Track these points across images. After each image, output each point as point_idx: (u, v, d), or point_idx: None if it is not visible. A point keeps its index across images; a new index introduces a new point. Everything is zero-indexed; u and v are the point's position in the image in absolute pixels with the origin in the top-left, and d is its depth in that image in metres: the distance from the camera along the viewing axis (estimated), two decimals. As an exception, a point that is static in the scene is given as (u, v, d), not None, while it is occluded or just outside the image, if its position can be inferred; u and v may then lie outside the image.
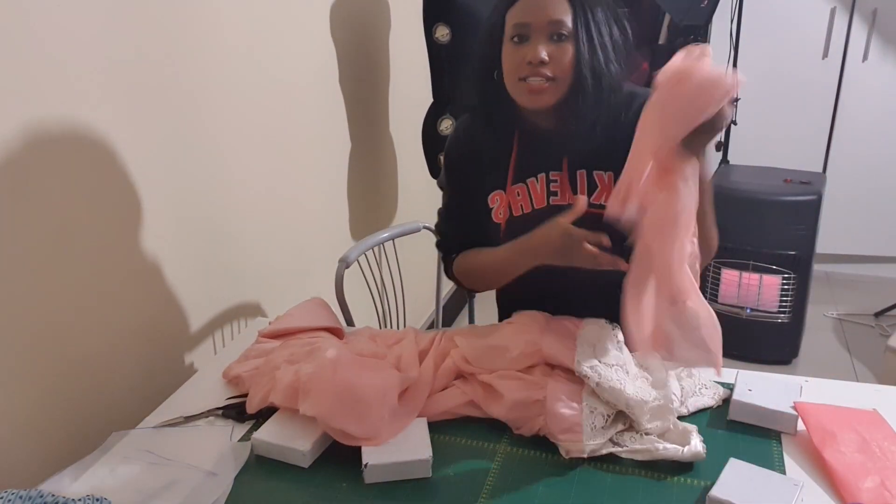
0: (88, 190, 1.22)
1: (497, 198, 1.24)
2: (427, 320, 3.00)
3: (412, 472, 1.04)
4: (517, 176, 1.22)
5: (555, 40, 1.10)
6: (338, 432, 1.08)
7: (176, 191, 1.44)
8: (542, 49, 1.09)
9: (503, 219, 1.24)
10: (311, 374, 1.11)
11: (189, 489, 1.04)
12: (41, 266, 1.14)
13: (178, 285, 1.47)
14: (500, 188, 1.24)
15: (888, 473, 0.97)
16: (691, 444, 1.04)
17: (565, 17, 1.09)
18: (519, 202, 1.23)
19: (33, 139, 1.11)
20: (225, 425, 1.20)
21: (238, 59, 1.60)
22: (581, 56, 1.10)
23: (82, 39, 1.18)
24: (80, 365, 1.24)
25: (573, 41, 1.10)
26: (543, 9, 1.09)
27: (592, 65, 1.10)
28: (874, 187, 3.32)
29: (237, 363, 1.34)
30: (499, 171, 1.24)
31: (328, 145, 2.06)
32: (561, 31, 1.09)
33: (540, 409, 1.09)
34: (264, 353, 1.33)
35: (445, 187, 1.37)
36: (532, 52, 1.09)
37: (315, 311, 1.43)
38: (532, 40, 1.10)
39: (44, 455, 1.17)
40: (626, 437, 1.07)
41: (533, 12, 1.09)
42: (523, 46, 1.11)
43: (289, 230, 1.89)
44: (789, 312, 2.67)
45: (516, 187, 1.22)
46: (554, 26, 1.09)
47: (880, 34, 3.13)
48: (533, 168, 1.22)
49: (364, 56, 2.23)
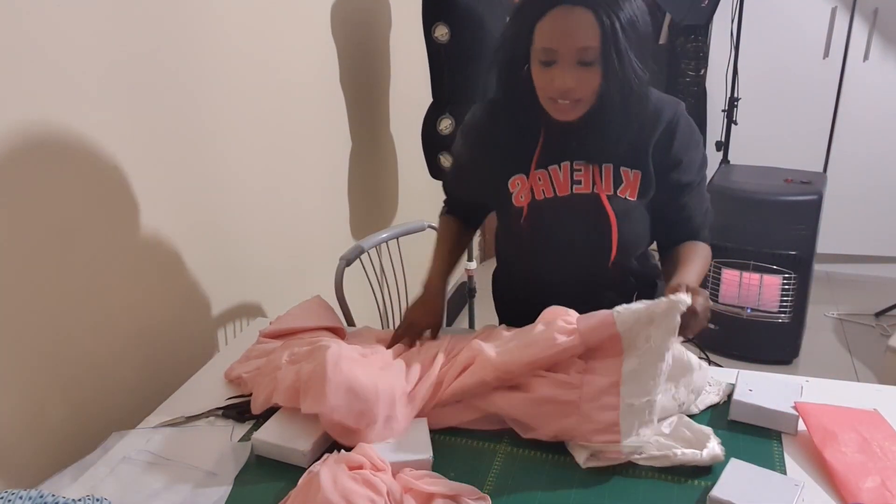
0: (88, 190, 1.22)
1: (518, 181, 1.25)
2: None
3: None
4: (541, 162, 1.23)
5: (582, 65, 1.08)
6: (338, 429, 1.07)
7: (176, 191, 1.44)
8: (569, 78, 1.09)
9: (525, 202, 1.24)
10: (311, 372, 1.11)
11: (189, 489, 1.04)
12: (41, 266, 1.14)
13: (178, 285, 1.47)
14: (522, 173, 1.24)
15: (889, 473, 0.97)
16: (709, 446, 1.02)
17: (593, 42, 1.06)
18: (541, 187, 1.24)
19: (33, 140, 1.11)
20: (225, 425, 1.20)
21: (238, 58, 1.60)
22: (611, 80, 1.09)
23: (82, 40, 1.18)
24: (81, 365, 1.24)
25: (601, 64, 1.08)
26: (572, 36, 1.06)
27: (621, 86, 1.10)
28: (875, 187, 3.32)
29: (239, 363, 1.34)
30: (522, 157, 1.24)
31: (328, 145, 2.06)
32: (588, 57, 1.07)
33: (569, 410, 1.07)
34: (265, 353, 1.33)
35: (455, 156, 1.40)
36: (560, 80, 1.09)
37: (316, 310, 1.43)
38: (559, 66, 1.09)
39: (44, 455, 1.17)
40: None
41: (561, 40, 1.07)
42: (551, 70, 1.10)
43: (289, 230, 1.89)
44: (790, 312, 2.67)
45: (538, 173, 1.24)
46: (582, 53, 1.07)
47: (881, 34, 3.13)
48: (557, 156, 1.23)
49: (364, 56, 2.23)
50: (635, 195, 1.22)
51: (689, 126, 1.22)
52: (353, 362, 1.12)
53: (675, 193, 1.25)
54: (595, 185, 1.22)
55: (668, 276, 1.24)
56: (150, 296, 1.39)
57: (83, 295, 1.23)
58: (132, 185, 1.32)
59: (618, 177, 1.22)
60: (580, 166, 1.22)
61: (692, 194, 1.26)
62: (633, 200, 1.22)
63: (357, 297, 1.85)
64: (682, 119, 1.21)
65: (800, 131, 3.33)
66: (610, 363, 1.08)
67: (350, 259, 1.75)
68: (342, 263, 1.74)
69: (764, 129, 3.34)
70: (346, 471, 0.97)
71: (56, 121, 1.15)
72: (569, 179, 1.23)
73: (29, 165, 1.11)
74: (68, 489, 1.04)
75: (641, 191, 1.22)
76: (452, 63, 2.09)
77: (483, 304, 1.84)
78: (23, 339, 1.12)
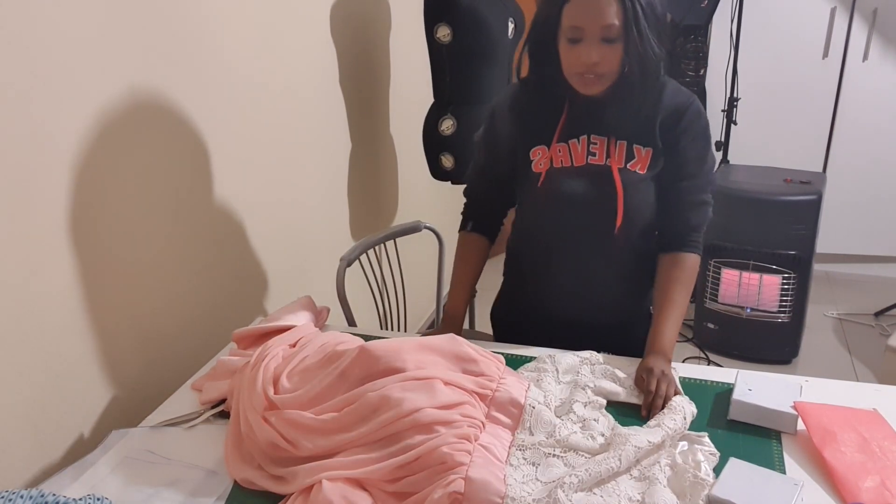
0: (88, 189, 1.22)
1: (540, 151, 1.34)
2: (427, 320, 3.00)
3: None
4: (562, 136, 1.32)
5: (606, 42, 1.19)
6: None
7: (176, 190, 1.44)
8: (594, 53, 1.19)
9: (544, 168, 1.33)
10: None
11: (189, 488, 1.04)
12: (41, 266, 1.15)
13: (178, 285, 1.47)
14: (545, 144, 1.33)
15: (888, 473, 0.97)
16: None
17: (616, 20, 1.17)
18: (560, 157, 1.33)
19: (33, 139, 1.11)
20: (225, 424, 1.20)
21: (238, 59, 1.60)
22: (631, 55, 1.20)
23: (83, 41, 1.18)
24: (81, 365, 1.24)
25: (623, 42, 1.19)
26: (597, 14, 1.17)
27: (641, 60, 1.21)
28: (874, 187, 3.32)
29: (206, 379, 1.32)
30: (546, 130, 1.34)
31: (328, 145, 2.06)
32: (611, 34, 1.18)
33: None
34: (229, 373, 1.30)
35: (481, 145, 1.45)
36: (586, 55, 1.20)
37: (294, 308, 1.43)
38: (585, 42, 1.19)
39: (44, 455, 1.18)
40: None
41: (588, 18, 1.18)
42: (577, 47, 1.20)
43: (289, 230, 1.89)
44: (789, 312, 2.67)
45: (559, 146, 1.32)
46: (606, 31, 1.17)
47: (880, 34, 3.13)
48: (577, 130, 1.32)
49: (364, 56, 2.23)
50: (644, 169, 1.30)
51: (698, 115, 1.30)
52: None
53: (673, 176, 1.32)
54: (609, 158, 1.30)
55: (654, 305, 1.34)
56: (151, 296, 1.40)
57: (83, 295, 1.23)
58: (132, 185, 1.32)
59: (630, 153, 1.30)
60: (597, 140, 1.31)
61: (689, 182, 1.32)
62: (641, 174, 1.30)
63: (358, 296, 1.86)
64: (694, 108, 1.30)
65: (799, 131, 3.33)
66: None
67: (350, 260, 1.76)
68: (342, 264, 1.74)
69: (764, 129, 3.34)
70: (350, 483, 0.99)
71: (56, 121, 1.15)
72: (586, 151, 1.32)
73: (28, 165, 1.11)
74: (69, 489, 1.04)
75: (651, 165, 1.30)
76: (454, 64, 2.09)
77: (483, 305, 1.84)
78: (23, 339, 1.12)
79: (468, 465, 0.96)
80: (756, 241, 2.62)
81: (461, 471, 0.95)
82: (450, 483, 0.94)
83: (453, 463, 0.96)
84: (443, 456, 0.97)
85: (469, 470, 0.95)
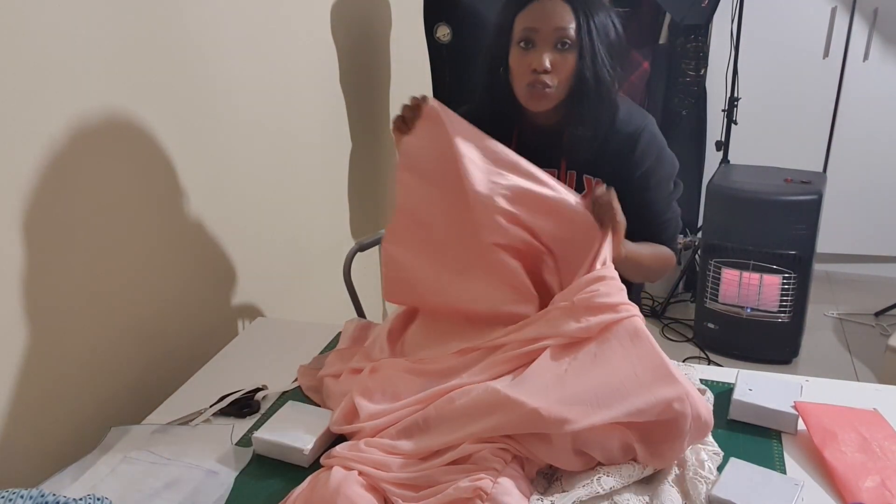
0: (88, 189, 1.22)
1: None
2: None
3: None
4: None
5: (559, 49, 1.17)
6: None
7: (176, 190, 1.44)
8: (546, 57, 1.17)
9: None
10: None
11: (189, 488, 1.04)
12: (41, 265, 1.14)
13: (178, 285, 1.47)
14: None
15: (889, 473, 0.97)
16: None
17: (570, 25, 1.16)
18: None
19: (33, 138, 1.11)
20: (225, 424, 1.20)
21: (238, 58, 1.60)
22: (583, 64, 1.18)
23: (83, 41, 1.18)
24: (81, 365, 1.24)
25: (576, 49, 1.17)
26: (550, 17, 1.16)
27: (594, 71, 1.18)
28: (874, 187, 3.32)
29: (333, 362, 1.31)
30: None
31: (328, 145, 2.06)
32: (565, 39, 1.17)
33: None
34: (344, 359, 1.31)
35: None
36: (537, 59, 1.17)
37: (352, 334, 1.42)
38: (538, 47, 1.18)
39: (44, 455, 1.17)
40: None
41: (541, 19, 1.17)
42: (530, 53, 1.18)
43: (289, 230, 1.89)
44: (790, 312, 2.67)
45: None
46: (559, 33, 1.16)
47: (881, 34, 3.13)
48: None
49: (364, 56, 2.23)
50: None
51: (652, 138, 1.27)
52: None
53: (636, 206, 1.23)
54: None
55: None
56: (150, 295, 1.40)
57: (83, 294, 1.23)
58: (132, 185, 1.32)
59: (580, 184, 1.28)
60: (549, 172, 1.23)
61: (650, 209, 1.29)
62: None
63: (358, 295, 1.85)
64: (647, 132, 1.26)
65: (800, 131, 3.33)
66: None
67: (364, 245, 1.74)
68: (355, 247, 1.73)
69: (764, 128, 3.34)
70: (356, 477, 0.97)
71: (56, 120, 1.15)
72: None
73: (28, 164, 1.11)
74: (69, 489, 1.04)
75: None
76: (454, 63, 2.09)
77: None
78: (23, 338, 1.12)
79: (501, 471, 0.95)
80: (756, 241, 2.61)
81: (492, 474, 0.94)
82: (478, 479, 0.93)
83: (485, 466, 0.96)
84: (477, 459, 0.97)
85: (500, 476, 0.94)
